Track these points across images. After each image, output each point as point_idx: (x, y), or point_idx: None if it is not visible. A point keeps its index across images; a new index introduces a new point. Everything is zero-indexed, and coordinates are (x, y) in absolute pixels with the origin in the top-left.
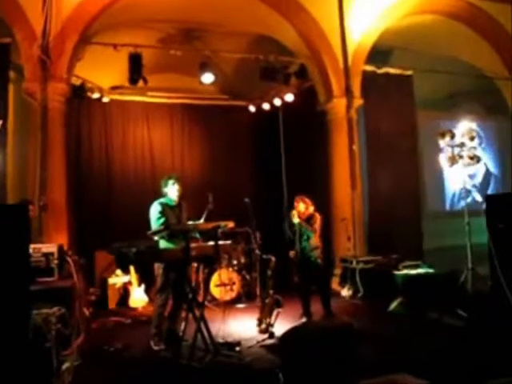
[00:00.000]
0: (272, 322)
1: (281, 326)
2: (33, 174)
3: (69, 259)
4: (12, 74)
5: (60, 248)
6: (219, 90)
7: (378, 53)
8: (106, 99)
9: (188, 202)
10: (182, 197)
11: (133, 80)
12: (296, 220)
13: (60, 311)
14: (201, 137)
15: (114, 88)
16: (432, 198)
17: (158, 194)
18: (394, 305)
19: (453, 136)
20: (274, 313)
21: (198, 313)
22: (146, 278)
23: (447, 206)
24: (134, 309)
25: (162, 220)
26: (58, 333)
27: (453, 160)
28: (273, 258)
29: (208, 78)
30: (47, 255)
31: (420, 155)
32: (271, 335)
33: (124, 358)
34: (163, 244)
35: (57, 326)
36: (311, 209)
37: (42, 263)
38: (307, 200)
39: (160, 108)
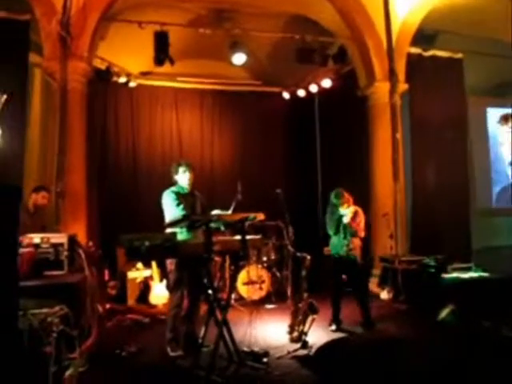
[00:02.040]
0: (306, 329)
1: (314, 334)
2: (51, 159)
3: (80, 251)
4: (37, 57)
5: (71, 238)
6: (252, 75)
7: (423, 36)
8: (133, 84)
9: (216, 192)
10: (194, 186)
11: (158, 60)
12: (344, 211)
13: (63, 310)
14: (232, 124)
15: (144, 74)
16: (481, 193)
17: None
18: (444, 313)
19: None
20: (308, 319)
21: (220, 316)
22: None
23: (497, 202)
24: (155, 306)
25: (182, 206)
26: (62, 335)
27: None
28: (308, 257)
29: (239, 58)
30: (56, 246)
31: (469, 146)
32: (304, 345)
33: (136, 364)
34: (182, 237)
35: (59, 328)
36: (352, 205)
37: (50, 255)
38: (346, 195)
39: (189, 94)
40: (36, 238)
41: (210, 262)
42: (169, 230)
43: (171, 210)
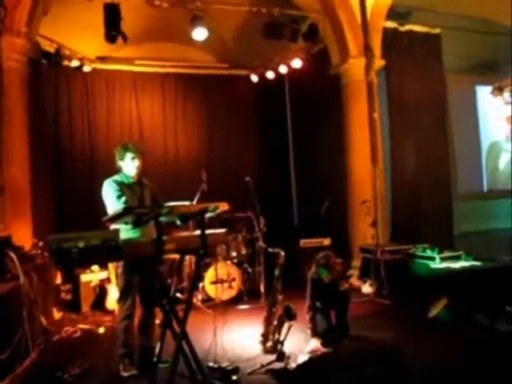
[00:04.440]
0: (282, 338)
1: (292, 343)
2: None
3: (12, 254)
4: None
5: (1, 240)
6: (217, 58)
7: (397, 14)
8: (87, 68)
9: (181, 182)
10: (142, 174)
11: (110, 37)
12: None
13: None
14: (197, 110)
15: (101, 58)
16: (465, 177)
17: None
18: (436, 309)
19: None
20: (285, 326)
21: (178, 327)
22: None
23: (484, 186)
24: (112, 312)
25: (124, 198)
26: None
27: None
28: (281, 253)
29: (200, 33)
30: None
31: (451, 125)
32: (281, 356)
33: None
34: (127, 234)
35: None
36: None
37: None
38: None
39: (150, 78)
40: None
41: (162, 263)
42: (113, 227)
43: (112, 203)
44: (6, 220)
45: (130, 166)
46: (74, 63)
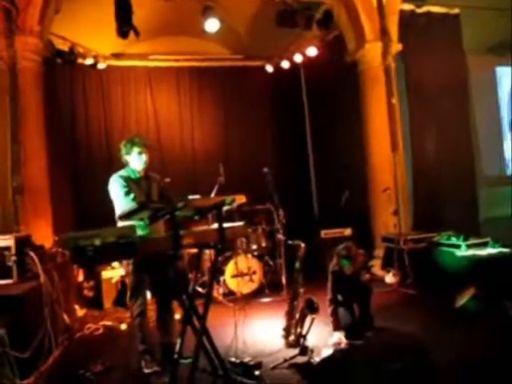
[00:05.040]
0: (304, 332)
1: (315, 336)
2: (3, 150)
3: (32, 254)
4: None
5: (20, 240)
6: (231, 50)
7: None
8: (102, 65)
9: (199, 176)
10: (149, 168)
11: (122, 32)
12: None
13: None
14: (212, 103)
15: (115, 55)
16: (488, 161)
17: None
18: (464, 299)
19: None
20: (307, 319)
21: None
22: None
23: (509, 170)
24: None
25: (133, 195)
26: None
27: None
28: (302, 244)
29: (212, 24)
30: (1, 251)
31: (473, 109)
32: (304, 350)
33: None
34: (142, 231)
35: None
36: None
37: None
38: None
39: (164, 73)
40: None
41: (179, 259)
42: (120, 224)
43: (120, 200)
44: (26, 219)
45: (136, 160)
46: (89, 61)
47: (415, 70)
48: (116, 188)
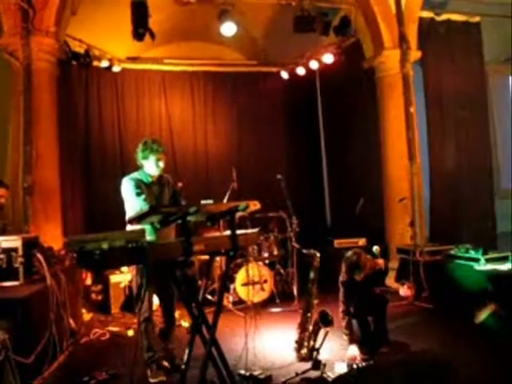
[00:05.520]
0: (317, 345)
1: (328, 350)
2: (15, 150)
3: (39, 255)
4: None
5: (28, 241)
6: (246, 56)
7: (432, 3)
8: (117, 68)
9: (212, 181)
10: (168, 172)
11: (137, 35)
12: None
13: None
14: (226, 108)
15: (131, 59)
16: (507, 173)
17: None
18: (484, 314)
19: None
20: (321, 333)
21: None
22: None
23: None
24: None
25: (144, 196)
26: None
27: None
28: (317, 254)
29: (229, 28)
30: (9, 252)
31: (492, 120)
32: (316, 365)
33: None
34: (151, 235)
35: None
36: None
37: (2, 262)
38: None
39: (179, 77)
40: None
41: (190, 266)
42: (130, 228)
43: (131, 201)
44: (36, 220)
45: (153, 166)
46: (104, 63)
47: (434, 79)
48: (127, 189)
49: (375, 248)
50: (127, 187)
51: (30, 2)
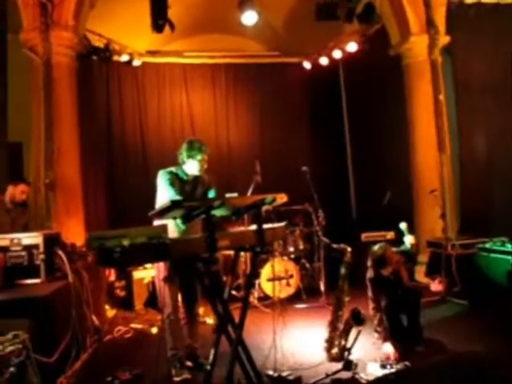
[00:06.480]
0: (349, 345)
1: (360, 349)
2: (36, 146)
3: (60, 252)
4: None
5: (49, 238)
6: (268, 47)
7: None
8: (137, 62)
9: (234, 175)
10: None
11: (157, 26)
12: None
13: (18, 338)
14: (248, 100)
15: (151, 52)
16: None
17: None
18: None
19: None
20: (353, 332)
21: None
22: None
23: None
24: None
25: (174, 190)
26: (24, 367)
27: None
28: (348, 249)
29: (250, 17)
30: (30, 249)
31: None
32: (348, 365)
33: None
34: (175, 231)
35: (16, 360)
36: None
37: (23, 260)
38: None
39: (200, 70)
40: (4, 239)
41: (215, 263)
42: (157, 223)
43: (164, 190)
44: (58, 217)
45: (194, 167)
46: (124, 58)
47: (463, 65)
48: (161, 181)
49: (403, 225)
50: (162, 179)
51: None
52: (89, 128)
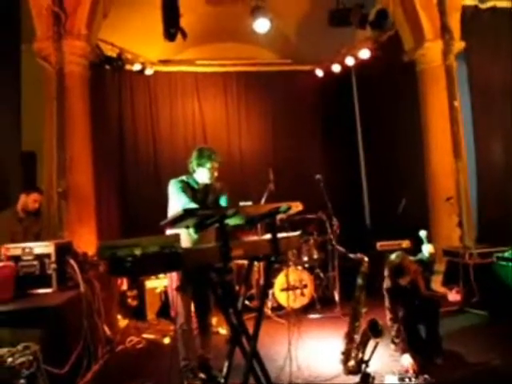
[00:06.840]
0: (366, 357)
1: (377, 362)
2: (49, 155)
3: (72, 262)
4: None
5: (60, 247)
6: (279, 55)
7: None
8: (149, 71)
9: (247, 183)
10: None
11: (169, 35)
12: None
13: (28, 350)
14: (259, 108)
15: (163, 61)
16: None
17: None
18: None
19: None
20: (370, 344)
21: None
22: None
23: None
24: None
25: (187, 197)
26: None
27: None
28: (365, 258)
29: (263, 24)
30: (42, 258)
31: None
32: (365, 378)
33: None
34: (188, 240)
35: (26, 372)
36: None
37: (35, 269)
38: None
39: (212, 78)
40: (15, 248)
41: (229, 273)
42: (169, 232)
43: (177, 198)
44: (70, 226)
45: (205, 175)
46: (136, 67)
47: (479, 70)
48: (173, 190)
49: (423, 232)
50: (173, 188)
51: (62, 6)
52: (101, 137)
